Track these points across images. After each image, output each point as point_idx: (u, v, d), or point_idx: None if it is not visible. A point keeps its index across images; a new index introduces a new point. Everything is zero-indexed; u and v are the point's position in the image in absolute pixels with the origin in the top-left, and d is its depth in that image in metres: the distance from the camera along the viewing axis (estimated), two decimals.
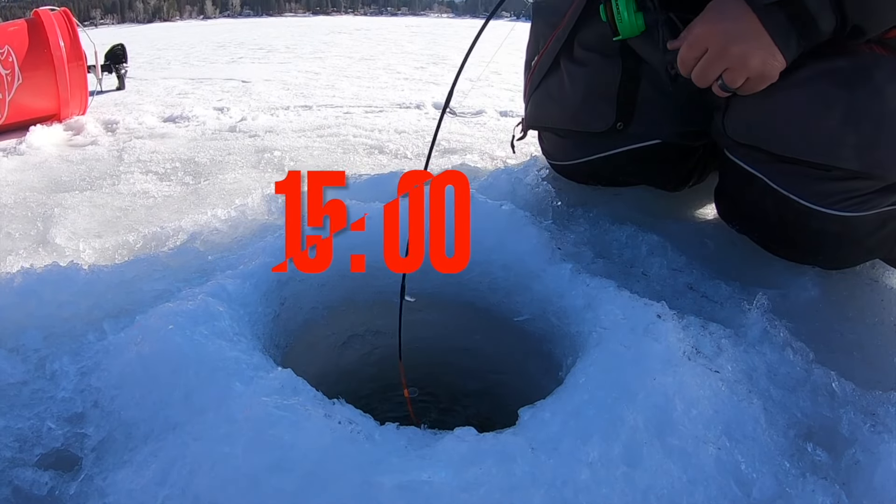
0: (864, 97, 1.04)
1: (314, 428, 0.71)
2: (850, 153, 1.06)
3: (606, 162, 1.42)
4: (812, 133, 1.08)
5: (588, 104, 1.36)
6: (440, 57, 6.67)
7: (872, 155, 1.06)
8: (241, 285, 1.00)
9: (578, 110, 1.39)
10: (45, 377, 0.92)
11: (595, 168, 1.47)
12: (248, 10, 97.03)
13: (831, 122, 1.05)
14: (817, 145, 1.08)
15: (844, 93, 1.05)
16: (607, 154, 1.41)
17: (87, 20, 72.75)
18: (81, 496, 0.75)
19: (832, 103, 1.05)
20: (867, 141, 1.05)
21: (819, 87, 1.07)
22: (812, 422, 0.88)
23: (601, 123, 1.36)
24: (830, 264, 1.26)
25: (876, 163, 1.06)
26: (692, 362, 0.84)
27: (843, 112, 1.05)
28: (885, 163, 1.07)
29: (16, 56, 2.73)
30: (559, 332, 1.02)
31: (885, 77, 1.04)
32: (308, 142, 2.56)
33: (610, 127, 1.35)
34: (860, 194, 1.09)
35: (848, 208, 1.10)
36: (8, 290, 1.06)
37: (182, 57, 7.14)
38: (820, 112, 1.06)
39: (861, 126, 1.05)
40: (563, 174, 1.60)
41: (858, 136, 1.05)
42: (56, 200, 1.85)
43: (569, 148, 1.49)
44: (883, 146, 1.05)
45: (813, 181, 1.11)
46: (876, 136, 1.05)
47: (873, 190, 1.09)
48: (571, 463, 0.70)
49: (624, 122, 1.34)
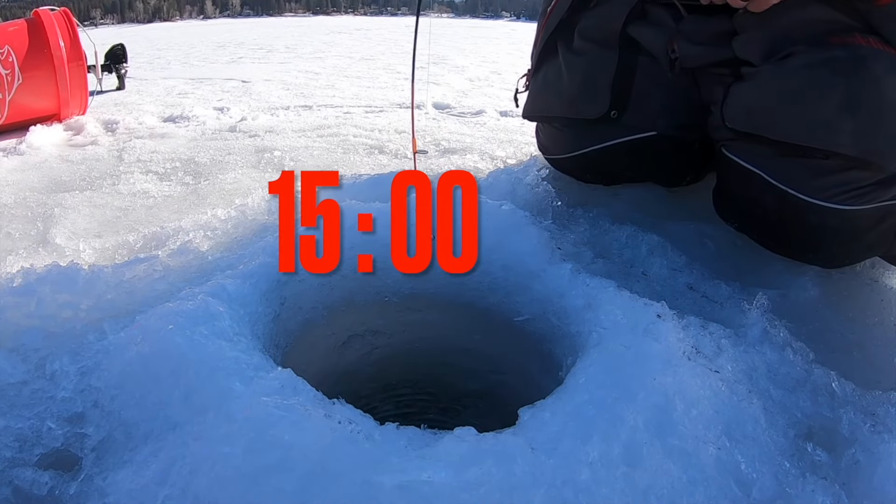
0: (862, 85, 1.05)
1: (314, 428, 0.71)
2: (848, 139, 1.06)
3: (601, 154, 1.43)
4: (810, 119, 1.08)
5: (584, 91, 1.37)
6: (440, 57, 6.67)
7: (870, 142, 1.06)
8: (241, 285, 1.00)
9: (574, 98, 1.40)
10: (45, 377, 0.92)
11: (590, 161, 1.47)
12: (248, 10, 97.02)
13: (829, 107, 1.06)
14: (815, 131, 1.08)
15: (842, 79, 1.05)
16: (602, 146, 1.41)
17: (87, 20, 72.74)
18: (81, 496, 0.75)
19: (830, 89, 1.06)
20: (864, 128, 1.06)
21: (817, 74, 1.07)
22: (812, 422, 0.88)
23: (595, 110, 1.37)
24: (830, 262, 1.26)
25: (873, 150, 1.07)
26: (692, 362, 0.84)
27: (841, 98, 1.05)
28: (882, 150, 1.07)
29: (16, 56, 2.73)
30: (559, 332, 1.02)
31: (882, 69, 1.05)
32: (308, 142, 2.56)
33: (604, 114, 1.36)
34: (858, 186, 1.09)
35: (846, 202, 1.10)
36: (8, 290, 1.06)
37: (182, 57, 7.14)
38: (818, 98, 1.07)
39: (859, 113, 1.05)
40: (559, 169, 1.61)
41: (856, 122, 1.05)
42: (56, 200, 1.85)
43: (564, 140, 1.50)
44: (880, 134, 1.06)
45: (811, 175, 1.11)
46: (873, 123, 1.05)
47: (871, 182, 1.10)
48: (571, 463, 0.70)
49: (618, 111, 1.35)
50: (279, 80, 4.68)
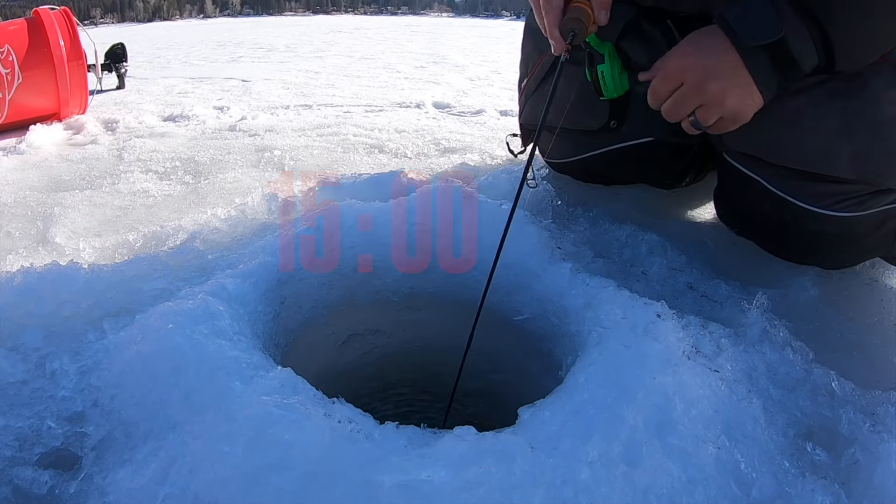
0: (859, 107, 1.04)
1: (314, 427, 0.71)
2: (845, 163, 1.06)
3: (601, 159, 1.43)
4: (808, 145, 1.08)
5: (583, 103, 1.37)
6: (440, 56, 6.67)
7: (866, 164, 1.06)
8: (241, 284, 1.00)
9: (573, 109, 1.41)
10: (45, 376, 0.92)
11: (590, 165, 1.48)
12: (248, 9, 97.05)
13: (827, 133, 1.06)
14: (813, 156, 1.08)
15: (839, 104, 1.05)
16: (601, 151, 1.42)
17: (87, 19, 72.74)
18: (81, 495, 0.75)
19: (827, 115, 1.05)
20: (861, 151, 1.05)
21: (815, 99, 1.06)
22: (812, 421, 0.88)
23: (595, 122, 1.37)
24: (830, 264, 1.26)
25: (870, 171, 1.07)
26: (692, 362, 0.84)
27: (838, 124, 1.05)
28: (879, 171, 1.07)
29: (16, 55, 2.72)
30: (559, 331, 1.02)
31: (881, 84, 1.04)
32: (308, 141, 2.56)
33: (604, 125, 1.36)
34: (857, 195, 1.10)
35: (845, 209, 1.10)
36: (8, 290, 1.06)
37: (182, 56, 7.14)
38: (816, 123, 1.06)
39: (855, 137, 1.05)
40: (559, 171, 1.61)
41: (853, 146, 1.05)
42: (56, 199, 1.85)
43: (564, 146, 1.50)
44: (877, 154, 1.06)
45: (810, 184, 1.11)
46: (870, 145, 1.05)
47: (869, 192, 1.10)
48: (571, 462, 0.70)
49: (618, 121, 1.35)
50: (279, 80, 4.68)
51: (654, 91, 1.06)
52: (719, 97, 0.99)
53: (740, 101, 0.99)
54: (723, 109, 1.01)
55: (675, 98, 1.03)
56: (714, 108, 1.01)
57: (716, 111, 1.01)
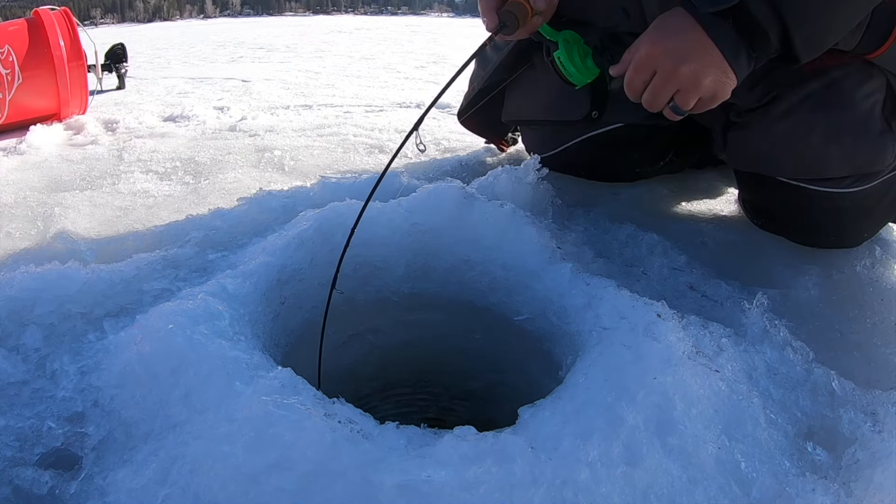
0: (839, 114, 1.14)
1: (314, 427, 0.71)
2: (838, 163, 1.17)
3: (579, 149, 1.49)
4: (801, 158, 1.19)
5: (563, 95, 1.39)
6: (440, 56, 6.67)
7: (855, 159, 1.17)
8: (242, 284, 1.00)
9: (554, 101, 1.43)
10: (45, 376, 0.92)
11: (571, 157, 1.51)
12: (248, 9, 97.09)
13: (816, 144, 1.16)
14: (808, 166, 1.19)
15: (821, 115, 1.14)
16: (580, 140, 1.48)
17: (88, 19, 72.76)
18: (82, 495, 0.75)
19: (813, 127, 1.15)
20: (850, 149, 1.16)
21: (799, 115, 1.15)
22: (812, 421, 0.88)
23: (578, 112, 1.42)
24: (854, 240, 1.33)
25: (860, 164, 1.18)
26: (692, 362, 0.84)
27: (823, 132, 1.15)
28: (871, 160, 1.17)
29: (16, 55, 2.72)
30: (559, 331, 1.02)
31: (852, 84, 1.12)
32: (308, 141, 2.55)
33: (585, 116, 1.42)
34: (861, 175, 1.20)
35: (853, 185, 1.20)
36: (8, 290, 1.06)
37: (182, 56, 7.13)
38: (804, 137, 1.16)
39: (841, 140, 1.15)
40: (546, 166, 1.63)
41: (841, 148, 1.16)
42: (56, 200, 1.85)
43: (544, 139, 1.54)
44: (861, 148, 1.16)
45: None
46: (855, 143, 1.15)
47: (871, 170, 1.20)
48: (571, 462, 0.70)
49: (599, 112, 1.41)
50: (279, 80, 4.68)
51: (630, 84, 1.05)
52: (693, 79, 0.98)
53: (715, 80, 0.99)
54: (699, 91, 1.00)
55: (651, 88, 1.03)
56: (691, 91, 1.00)
57: (693, 94, 1.00)
